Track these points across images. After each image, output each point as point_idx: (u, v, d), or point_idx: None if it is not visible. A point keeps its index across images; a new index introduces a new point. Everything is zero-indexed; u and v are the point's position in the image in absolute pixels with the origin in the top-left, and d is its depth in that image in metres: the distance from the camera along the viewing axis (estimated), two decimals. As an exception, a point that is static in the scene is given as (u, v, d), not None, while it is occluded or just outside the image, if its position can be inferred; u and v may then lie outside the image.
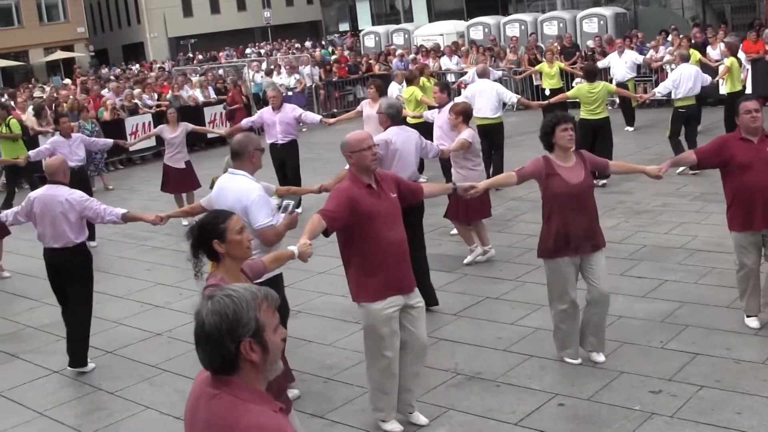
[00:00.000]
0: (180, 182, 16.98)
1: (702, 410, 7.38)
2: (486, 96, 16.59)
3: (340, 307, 10.70)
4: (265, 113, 16.70)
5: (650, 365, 8.36)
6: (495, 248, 12.50)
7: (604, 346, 8.62)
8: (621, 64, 23.37)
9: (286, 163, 16.36)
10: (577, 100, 16.73)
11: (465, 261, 12.34)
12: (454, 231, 13.66)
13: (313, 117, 17.10)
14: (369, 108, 15.84)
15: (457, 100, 15.29)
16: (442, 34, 37.80)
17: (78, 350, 9.82)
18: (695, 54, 21.51)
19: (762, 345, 8.64)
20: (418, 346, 7.45)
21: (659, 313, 9.69)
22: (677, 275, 10.96)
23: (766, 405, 7.37)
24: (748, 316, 9.09)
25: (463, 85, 24.98)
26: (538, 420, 7.56)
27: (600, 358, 8.54)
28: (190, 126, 17.48)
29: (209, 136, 24.44)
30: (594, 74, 16.73)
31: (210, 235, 5.74)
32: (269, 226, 7.51)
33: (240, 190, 7.63)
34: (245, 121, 17.42)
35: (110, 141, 17.55)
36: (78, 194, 9.70)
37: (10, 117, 21.69)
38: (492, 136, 16.57)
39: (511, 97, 17.01)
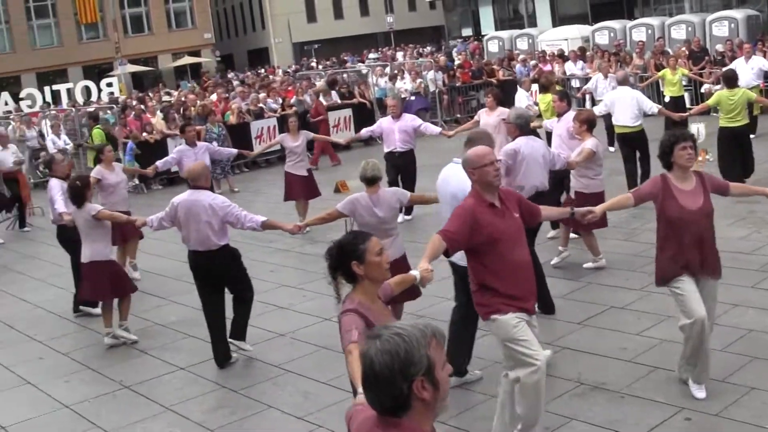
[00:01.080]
0: (301, 190, 17.12)
1: (836, 428, 7.16)
2: (625, 104, 16.14)
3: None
4: (384, 122, 16.74)
5: (782, 381, 8.11)
6: (619, 256, 12.35)
7: (704, 378, 8.13)
8: (747, 70, 22.42)
9: (403, 172, 16.37)
10: (718, 107, 16.33)
11: (586, 265, 12.24)
12: (551, 233, 13.51)
13: (433, 129, 17.10)
14: (486, 116, 15.73)
15: (596, 108, 15.11)
16: (566, 39, 37.46)
17: (242, 329, 10.20)
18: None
19: None
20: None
21: (792, 328, 9.39)
22: (811, 288, 10.61)
23: None
24: None
25: (585, 93, 24.71)
26: (664, 433, 7.42)
27: (699, 393, 8.05)
28: (311, 134, 17.71)
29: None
30: (734, 80, 16.19)
31: (349, 256, 5.65)
32: None
33: (465, 180, 7.55)
34: (365, 131, 17.53)
35: (234, 151, 17.83)
36: (221, 200, 9.90)
37: (97, 126, 22.23)
38: (633, 144, 16.19)
39: (652, 107, 16.50)
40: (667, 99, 22.18)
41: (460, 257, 7.65)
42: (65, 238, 12.58)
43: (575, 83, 28.77)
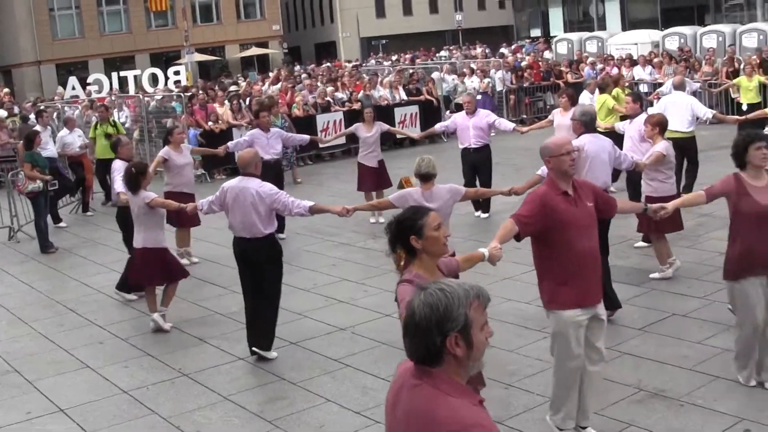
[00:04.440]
0: (373, 180, 17.18)
1: None
2: (679, 109, 16.03)
3: (525, 314, 10.64)
4: (458, 118, 16.79)
5: None
6: (683, 264, 12.17)
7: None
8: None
9: (479, 168, 16.38)
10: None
11: (652, 275, 12.09)
12: (639, 243, 13.41)
13: (507, 125, 17.07)
14: (560, 117, 15.67)
15: (651, 111, 14.95)
16: (636, 44, 37.12)
17: (267, 336, 10.08)
18: None
19: None
20: (597, 357, 7.40)
21: None
22: None
23: None
24: None
25: (657, 97, 24.47)
26: (724, 443, 7.35)
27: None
28: (385, 126, 17.69)
29: (399, 136, 24.49)
30: None
31: (408, 231, 5.81)
32: None
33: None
34: (439, 126, 17.59)
35: (306, 137, 17.85)
36: (268, 187, 9.91)
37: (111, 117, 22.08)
38: (683, 150, 16.08)
39: (706, 113, 16.37)
40: (744, 107, 21.87)
41: None
42: (123, 219, 12.79)
43: (643, 88, 28.49)
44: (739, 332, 8.27)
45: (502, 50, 48.17)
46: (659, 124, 12.04)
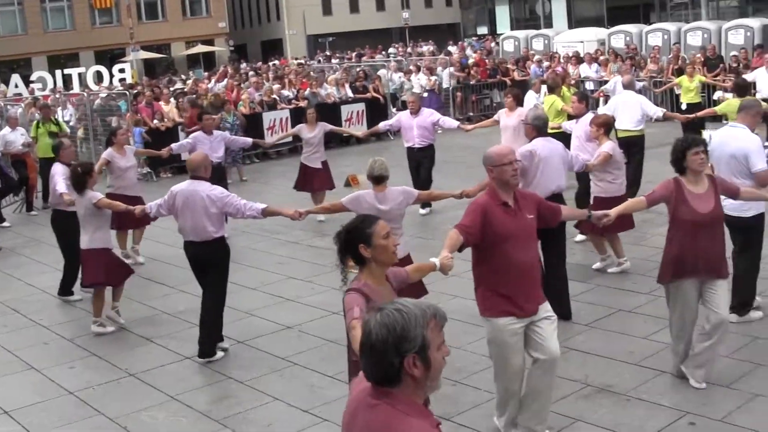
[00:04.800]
0: (315, 181, 17.12)
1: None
2: (629, 107, 16.20)
3: (472, 311, 10.52)
4: (403, 117, 16.87)
5: (787, 389, 8.10)
6: (630, 260, 12.30)
7: (704, 374, 8.36)
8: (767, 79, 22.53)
9: (422, 166, 16.41)
10: (726, 115, 16.32)
11: (594, 266, 12.23)
12: (579, 237, 13.50)
13: (451, 123, 17.16)
14: (506, 117, 15.74)
15: (600, 110, 15.04)
16: (582, 41, 37.36)
17: (208, 339, 10.02)
18: None
19: None
20: (548, 359, 7.30)
21: (799, 337, 9.38)
22: (821, 297, 10.57)
23: None
24: None
25: (602, 94, 24.68)
26: (669, 437, 7.42)
27: (697, 384, 8.31)
28: (329, 126, 17.65)
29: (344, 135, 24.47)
30: (745, 89, 16.12)
31: (356, 239, 5.81)
32: (765, 170, 9.33)
33: (738, 140, 9.49)
34: (383, 124, 17.67)
35: (249, 140, 17.77)
36: (218, 190, 9.87)
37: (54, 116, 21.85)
38: (632, 148, 16.25)
39: (656, 111, 16.54)
40: (684, 106, 22.07)
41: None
42: (58, 223, 12.73)
43: (590, 86, 28.71)
44: (672, 332, 8.41)
45: (450, 48, 48.27)
46: (605, 125, 12.13)
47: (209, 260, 9.93)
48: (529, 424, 7.39)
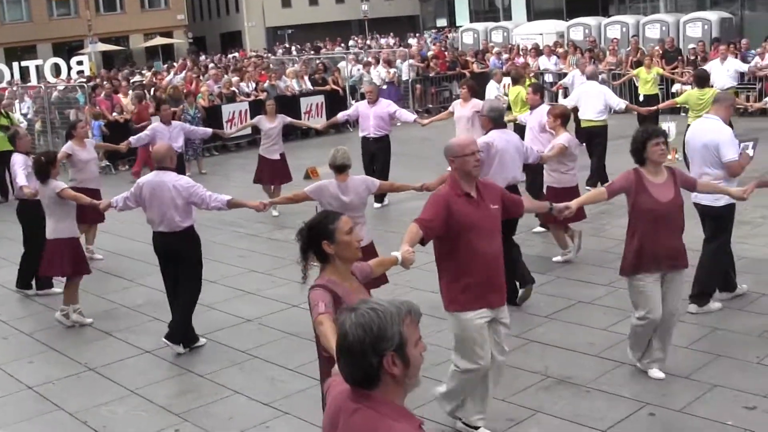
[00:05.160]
0: (273, 174, 17.09)
1: (799, 428, 7.21)
2: (592, 98, 16.49)
3: (432, 303, 10.55)
4: (360, 106, 16.89)
5: (745, 380, 8.17)
6: (588, 252, 12.44)
7: (664, 359, 8.47)
8: (722, 71, 22.59)
9: (376, 157, 16.45)
10: (686, 106, 16.54)
11: (555, 259, 12.38)
12: (537, 228, 13.59)
13: (408, 116, 17.18)
14: (460, 108, 15.82)
15: (564, 102, 15.12)
16: (541, 34, 37.52)
17: (179, 329, 9.97)
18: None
19: None
20: (504, 360, 7.48)
21: (756, 328, 9.46)
22: (776, 289, 10.67)
23: None
24: None
25: (560, 88, 24.81)
26: (628, 428, 7.47)
27: (657, 374, 8.38)
28: (288, 119, 17.59)
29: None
30: (705, 80, 16.34)
31: (319, 236, 5.73)
32: (735, 160, 9.53)
33: (711, 131, 9.73)
34: (341, 115, 17.65)
35: (209, 130, 17.73)
36: (185, 180, 9.85)
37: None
38: (594, 138, 16.43)
39: (619, 103, 16.80)
40: (641, 98, 22.23)
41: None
42: (25, 214, 12.56)
43: (548, 78, 28.84)
44: (634, 324, 8.38)
45: (410, 40, 48.33)
46: (561, 116, 12.21)
47: (179, 251, 9.87)
48: (471, 418, 7.48)
